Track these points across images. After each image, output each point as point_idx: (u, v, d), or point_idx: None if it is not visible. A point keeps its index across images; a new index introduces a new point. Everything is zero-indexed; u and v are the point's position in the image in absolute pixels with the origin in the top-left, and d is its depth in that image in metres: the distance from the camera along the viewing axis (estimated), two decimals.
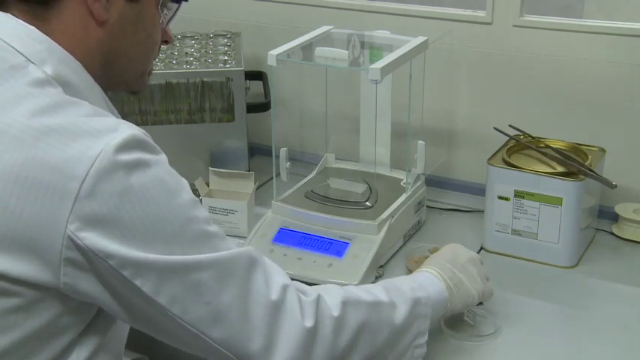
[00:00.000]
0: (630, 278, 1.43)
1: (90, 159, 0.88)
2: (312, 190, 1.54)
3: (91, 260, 0.90)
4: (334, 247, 1.41)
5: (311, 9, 1.78)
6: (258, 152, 1.86)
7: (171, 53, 1.74)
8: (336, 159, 1.68)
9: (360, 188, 1.55)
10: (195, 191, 1.61)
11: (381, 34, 1.56)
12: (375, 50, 1.54)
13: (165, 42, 1.14)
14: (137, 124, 0.95)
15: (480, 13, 1.63)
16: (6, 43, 0.96)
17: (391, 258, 1.48)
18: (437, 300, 1.17)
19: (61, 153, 0.88)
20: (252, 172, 1.62)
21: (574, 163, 1.45)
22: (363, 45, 1.53)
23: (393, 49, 1.47)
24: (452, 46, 1.64)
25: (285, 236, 1.45)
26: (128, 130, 0.92)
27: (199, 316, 0.95)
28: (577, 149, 1.51)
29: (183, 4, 1.12)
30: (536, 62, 1.61)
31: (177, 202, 0.94)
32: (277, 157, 1.55)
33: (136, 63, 1.09)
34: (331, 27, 1.58)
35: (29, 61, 0.96)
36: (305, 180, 1.61)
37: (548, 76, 1.61)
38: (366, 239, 1.41)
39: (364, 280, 1.35)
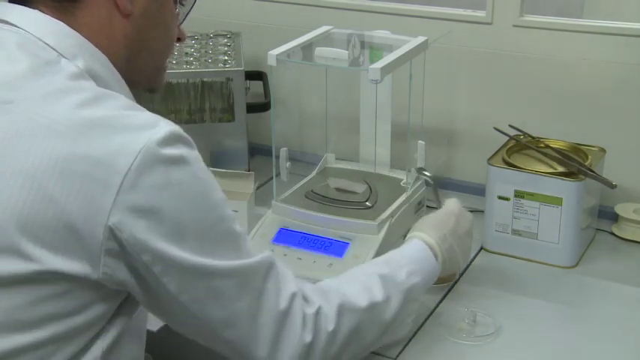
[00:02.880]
0: (630, 278, 1.43)
1: (133, 153, 0.90)
2: (312, 190, 1.54)
3: (127, 252, 0.93)
4: (334, 247, 1.41)
5: (311, 9, 1.78)
6: (258, 152, 1.86)
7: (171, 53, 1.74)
8: (336, 159, 1.68)
9: (360, 188, 1.55)
10: None
11: (381, 34, 1.56)
12: (375, 50, 1.54)
13: (179, 39, 1.16)
14: None
15: (480, 13, 1.63)
16: (38, 39, 0.98)
17: None
18: (429, 279, 1.23)
19: (104, 146, 0.91)
20: (252, 172, 1.61)
21: (574, 163, 1.45)
22: (363, 45, 1.53)
23: (393, 49, 1.46)
24: (452, 46, 1.64)
25: (285, 236, 1.45)
26: (168, 126, 0.94)
27: (215, 318, 0.99)
28: (577, 149, 1.51)
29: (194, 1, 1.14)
30: (536, 62, 1.61)
31: (211, 201, 0.97)
32: (277, 157, 1.55)
33: (156, 57, 1.11)
34: (331, 27, 1.58)
35: (61, 55, 0.98)
36: (305, 180, 1.60)
37: (548, 76, 1.61)
38: (366, 239, 1.41)
39: None
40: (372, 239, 1.41)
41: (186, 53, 1.74)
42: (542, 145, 1.54)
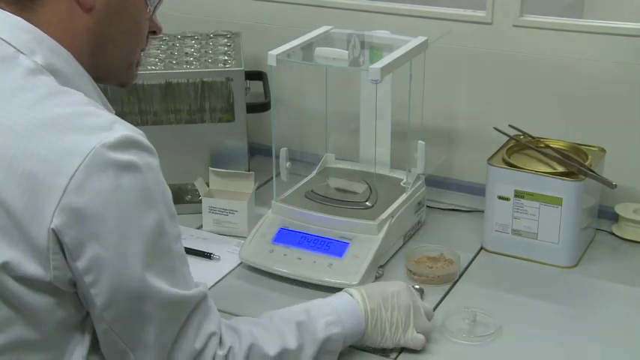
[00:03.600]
0: (630, 278, 1.43)
1: (81, 154, 0.89)
2: (312, 190, 1.54)
3: (67, 255, 0.91)
4: (334, 247, 1.41)
5: (311, 9, 1.78)
6: (258, 152, 1.86)
7: (171, 53, 1.74)
8: (336, 159, 1.68)
9: (360, 188, 1.55)
10: (195, 191, 1.62)
11: (381, 34, 1.56)
12: (375, 50, 1.54)
13: (154, 32, 1.13)
14: (137, 124, 0.96)
15: (480, 13, 1.63)
16: None
17: (391, 258, 1.48)
18: (351, 333, 1.17)
19: (53, 146, 0.89)
20: (252, 172, 1.61)
21: (574, 163, 1.45)
22: (363, 45, 1.53)
23: (393, 49, 1.47)
24: (452, 46, 1.64)
25: (285, 236, 1.45)
26: (122, 129, 0.92)
27: (132, 340, 0.97)
28: (577, 149, 1.51)
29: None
30: (536, 62, 1.61)
31: (158, 213, 0.95)
32: (277, 157, 1.55)
33: (123, 52, 1.09)
34: (331, 27, 1.58)
35: (19, 51, 0.96)
36: (305, 180, 1.61)
37: (548, 76, 1.61)
38: (366, 239, 1.41)
39: (364, 281, 1.35)
40: (372, 239, 1.41)
41: (186, 53, 1.74)
42: (542, 145, 1.54)
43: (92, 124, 0.91)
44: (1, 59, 0.95)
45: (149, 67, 1.65)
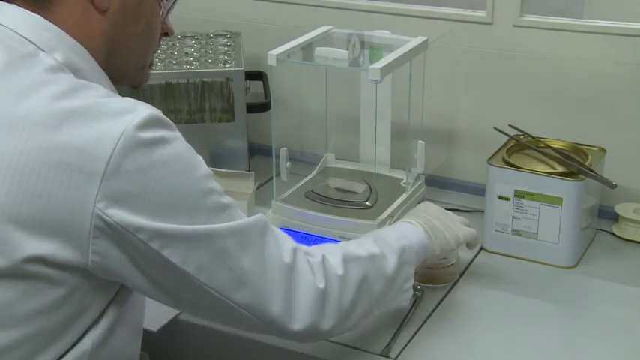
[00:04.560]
0: (630, 278, 1.43)
1: (113, 139, 0.91)
2: (312, 190, 1.54)
3: (120, 236, 0.93)
4: None
5: (311, 9, 1.78)
6: (258, 152, 1.86)
7: (171, 53, 1.74)
8: (336, 159, 1.68)
9: (360, 188, 1.55)
10: None
11: (381, 34, 1.56)
12: (375, 50, 1.54)
13: (166, 34, 1.15)
14: None
15: (480, 13, 1.63)
16: (15, 32, 0.98)
17: None
18: (419, 246, 1.24)
19: (85, 135, 0.91)
20: (252, 172, 1.61)
21: (574, 163, 1.45)
22: (363, 45, 1.53)
23: (393, 49, 1.47)
24: (452, 46, 1.64)
25: None
26: (146, 109, 0.95)
27: (224, 282, 0.99)
28: (577, 149, 1.51)
29: (183, 1, 1.13)
30: (536, 62, 1.61)
31: (196, 176, 0.97)
32: (277, 157, 1.55)
33: (137, 54, 1.10)
34: (331, 27, 1.58)
35: (39, 49, 0.98)
36: (305, 180, 1.61)
37: (548, 76, 1.61)
38: None
39: None
40: None
41: (186, 53, 1.74)
42: (542, 145, 1.54)
43: (117, 108, 0.94)
44: (23, 57, 0.97)
45: None
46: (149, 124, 0.93)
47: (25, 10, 1.00)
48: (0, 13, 1.00)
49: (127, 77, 1.12)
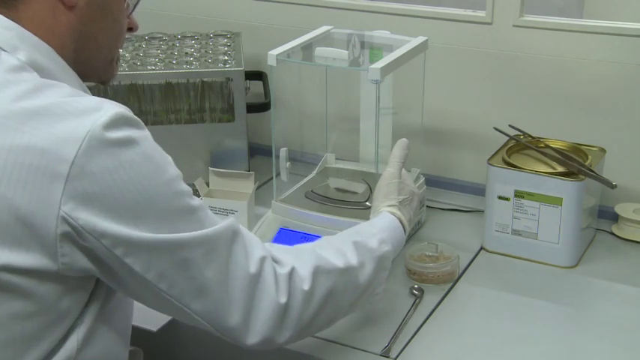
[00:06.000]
0: (630, 278, 1.43)
1: (78, 139, 0.89)
2: (312, 190, 1.54)
3: (85, 239, 0.91)
4: None
5: (311, 9, 1.78)
6: (258, 152, 1.86)
7: (171, 53, 1.74)
8: (336, 159, 1.68)
9: (360, 188, 1.55)
10: (195, 191, 1.61)
11: (381, 34, 1.56)
12: (375, 50, 1.54)
13: (130, 29, 1.14)
14: None
15: (480, 13, 1.63)
16: None
17: None
18: (398, 246, 1.24)
19: (48, 135, 0.89)
20: (252, 172, 1.61)
21: (574, 163, 1.45)
22: (363, 45, 1.53)
23: (393, 49, 1.47)
24: (452, 46, 1.64)
25: (285, 236, 1.45)
26: (113, 107, 0.93)
27: (184, 291, 0.98)
28: (577, 149, 1.51)
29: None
30: (536, 62, 1.61)
31: (165, 178, 0.95)
32: (277, 157, 1.55)
33: (104, 49, 1.09)
34: (331, 27, 1.58)
35: (1, 49, 0.96)
36: (305, 180, 1.61)
37: (548, 76, 1.61)
38: None
39: None
40: None
41: (186, 53, 1.74)
42: (542, 145, 1.54)
43: (82, 107, 0.92)
44: None
45: (149, 67, 1.65)
46: (116, 123, 0.91)
47: None
48: None
49: (95, 73, 1.11)
